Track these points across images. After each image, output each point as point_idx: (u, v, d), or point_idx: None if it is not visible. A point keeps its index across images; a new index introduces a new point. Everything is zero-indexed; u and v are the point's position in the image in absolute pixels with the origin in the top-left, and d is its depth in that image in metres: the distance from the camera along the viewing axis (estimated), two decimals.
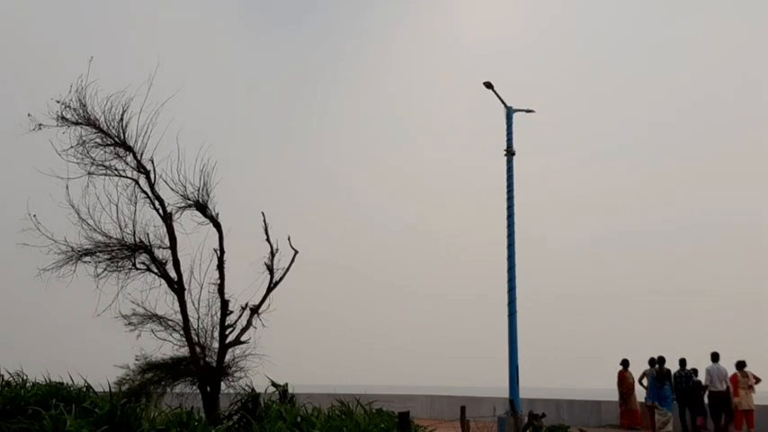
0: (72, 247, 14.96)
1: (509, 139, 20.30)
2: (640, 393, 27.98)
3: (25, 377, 19.59)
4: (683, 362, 26.19)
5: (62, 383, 18.58)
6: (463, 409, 14.26)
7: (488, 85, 19.95)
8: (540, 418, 15.59)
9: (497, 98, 20.29)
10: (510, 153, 20.13)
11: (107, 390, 15.09)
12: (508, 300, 19.58)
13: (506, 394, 21.95)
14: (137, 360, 15.06)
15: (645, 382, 27.26)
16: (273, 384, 15.45)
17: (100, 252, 15.16)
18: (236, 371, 15.42)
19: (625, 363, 28.96)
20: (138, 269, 15.50)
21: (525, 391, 23.32)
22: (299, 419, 12.56)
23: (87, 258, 15.12)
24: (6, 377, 19.60)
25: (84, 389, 18.51)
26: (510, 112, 20.40)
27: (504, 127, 20.30)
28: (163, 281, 15.56)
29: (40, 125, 15.21)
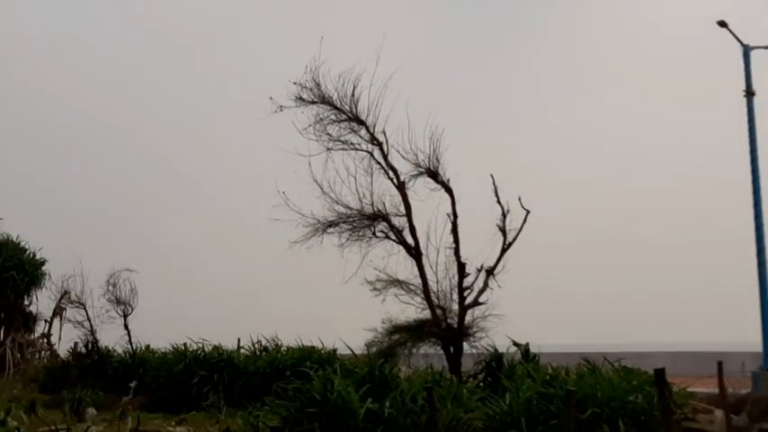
0: (318, 220, 15.94)
1: (748, 79, 18.95)
2: None
3: (280, 342, 21.24)
4: None
5: (313, 347, 19.95)
6: (720, 364, 13.63)
7: (722, 24, 18.72)
8: None
9: (733, 36, 18.98)
10: (749, 93, 18.78)
11: (352, 352, 15.97)
12: (756, 249, 18.39)
13: (751, 348, 20.70)
14: (383, 323, 15.81)
15: None
16: (515, 344, 15.55)
17: (342, 223, 16.02)
18: (476, 331, 15.76)
19: None
20: (377, 237, 16.24)
21: None
22: (547, 377, 12.61)
23: (331, 229, 16.05)
24: (264, 343, 21.41)
25: (332, 351, 19.82)
26: (747, 50, 19.01)
27: (742, 66, 18.96)
28: (401, 247, 16.17)
29: (281, 107, 16.26)
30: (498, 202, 16.36)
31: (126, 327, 22.59)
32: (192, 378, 19.66)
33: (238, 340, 22.66)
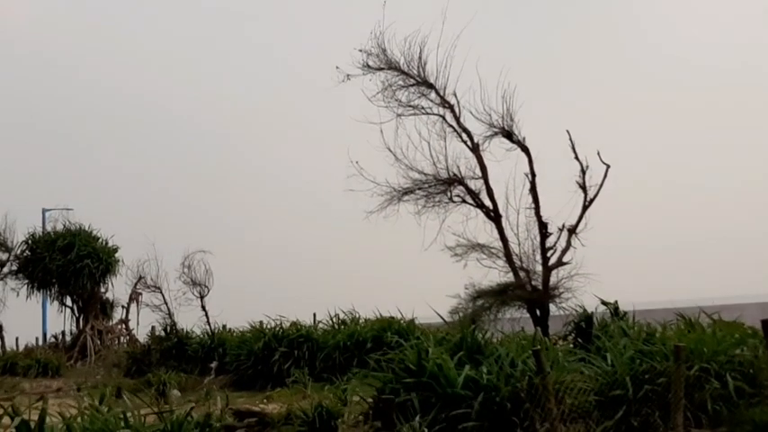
0: (393, 188, 15.61)
1: None
2: None
3: (357, 315, 21.13)
4: None
5: (392, 318, 19.78)
6: None
7: None
8: None
9: None
10: None
11: (444, 320, 15.69)
12: None
13: None
14: (466, 289, 15.47)
15: None
16: (603, 303, 15.07)
17: (418, 189, 15.67)
18: (563, 292, 15.30)
19: None
20: (454, 202, 15.85)
21: None
22: (643, 335, 12.17)
23: (407, 197, 15.71)
24: (341, 316, 21.32)
25: (411, 321, 19.61)
26: None
27: None
28: (479, 210, 15.77)
29: (347, 76, 15.91)
30: (576, 158, 15.77)
31: (203, 308, 22.77)
32: (273, 355, 19.69)
33: (314, 315, 22.65)
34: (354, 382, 13.71)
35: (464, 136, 15.76)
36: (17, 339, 29.05)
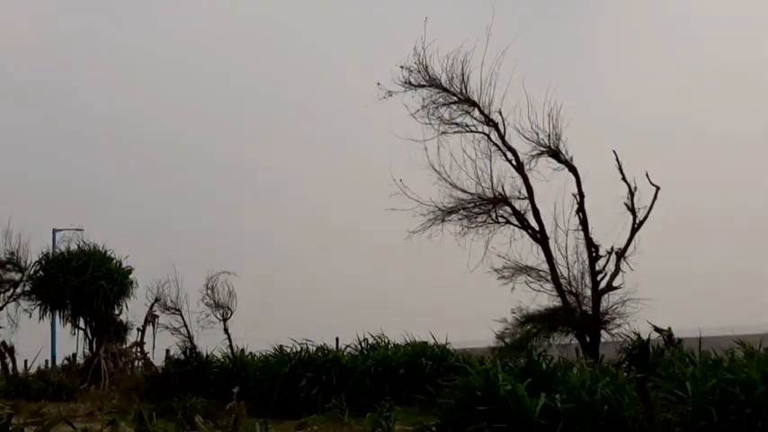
0: (438, 207, 15.15)
1: None
2: None
3: (387, 340, 20.42)
4: None
5: (426, 342, 19.12)
6: None
7: None
8: None
9: None
10: None
11: (468, 346, 15.12)
12: None
13: None
14: (513, 313, 14.96)
15: None
16: (656, 329, 14.53)
17: (462, 209, 15.21)
18: (614, 318, 14.78)
19: None
20: (498, 222, 15.39)
21: None
22: (710, 362, 11.61)
23: (451, 216, 15.24)
24: (370, 341, 20.60)
25: (444, 346, 18.95)
26: None
27: None
28: (524, 232, 15.30)
29: (389, 92, 15.51)
30: (624, 179, 15.38)
31: (226, 331, 22.04)
32: (299, 381, 18.97)
33: (336, 339, 21.90)
34: (398, 409, 13.16)
35: (509, 155, 15.37)
36: (26, 362, 28.28)
